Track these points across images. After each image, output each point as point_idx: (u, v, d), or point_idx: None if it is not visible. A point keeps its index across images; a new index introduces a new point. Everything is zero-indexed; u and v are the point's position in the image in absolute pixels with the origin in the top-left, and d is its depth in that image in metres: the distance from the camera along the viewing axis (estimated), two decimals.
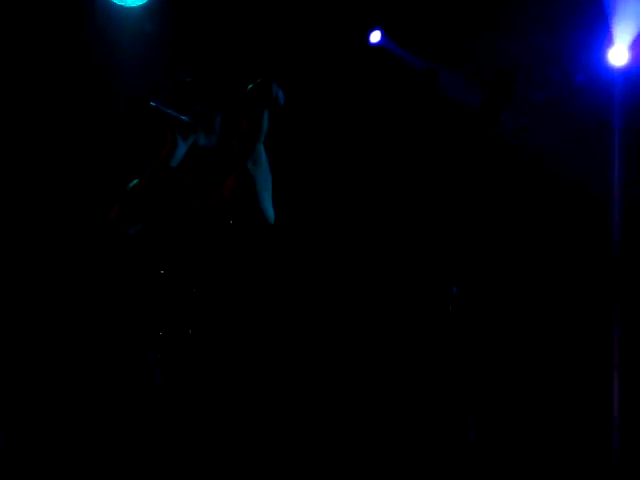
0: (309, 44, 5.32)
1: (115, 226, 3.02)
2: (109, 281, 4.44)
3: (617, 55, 5.04)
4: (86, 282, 4.71)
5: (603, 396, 5.11)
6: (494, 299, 5.32)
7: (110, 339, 4.42)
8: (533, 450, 5.15)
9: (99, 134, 5.04)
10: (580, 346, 5.19)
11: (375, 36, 5.43)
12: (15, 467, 4.34)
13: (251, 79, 3.23)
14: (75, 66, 5.07)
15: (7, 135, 4.96)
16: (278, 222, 3.17)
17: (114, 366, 4.32)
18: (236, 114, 3.16)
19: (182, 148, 3.03)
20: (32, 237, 4.91)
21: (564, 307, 5.22)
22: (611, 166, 5.16)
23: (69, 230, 4.85)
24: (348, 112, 5.41)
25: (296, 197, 5.02)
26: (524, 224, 5.36)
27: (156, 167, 3.03)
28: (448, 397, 5.00)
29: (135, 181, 3.12)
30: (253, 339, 3.05)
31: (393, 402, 5.31)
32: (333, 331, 5.27)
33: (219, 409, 2.97)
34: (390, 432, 5.23)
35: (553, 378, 5.20)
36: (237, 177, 2.99)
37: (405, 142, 5.48)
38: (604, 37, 5.02)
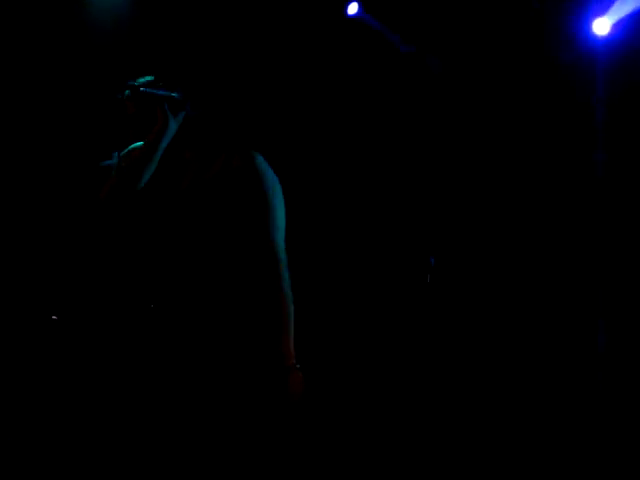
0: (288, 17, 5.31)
1: (106, 202, 3.03)
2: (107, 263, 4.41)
3: (601, 25, 5.06)
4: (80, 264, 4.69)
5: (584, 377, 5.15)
6: (472, 269, 5.37)
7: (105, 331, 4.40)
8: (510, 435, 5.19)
9: (83, 117, 5.04)
10: (559, 325, 5.22)
11: (352, 8, 5.42)
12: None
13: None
14: (60, 52, 5.05)
15: None
16: None
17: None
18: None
19: (173, 125, 3.07)
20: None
21: (544, 280, 5.26)
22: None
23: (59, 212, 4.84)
24: (329, 92, 5.42)
25: None
26: (502, 195, 5.39)
27: (148, 144, 3.06)
28: (429, 372, 5.06)
29: (125, 152, 3.15)
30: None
31: (374, 377, 5.36)
32: (314, 305, 5.30)
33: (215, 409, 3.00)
34: (371, 413, 5.26)
35: (531, 353, 5.24)
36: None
37: (382, 116, 5.51)
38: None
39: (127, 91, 3.07)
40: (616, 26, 5.01)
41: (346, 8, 5.41)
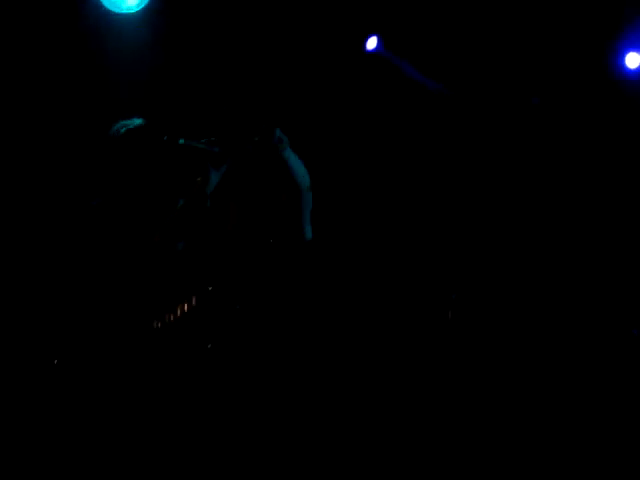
0: (307, 50, 5.31)
1: (160, 244, 3.11)
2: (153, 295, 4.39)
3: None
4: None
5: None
6: (493, 305, 5.37)
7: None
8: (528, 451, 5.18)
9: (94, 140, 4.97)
10: (579, 351, 5.24)
11: (371, 43, 5.42)
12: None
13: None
14: (70, 73, 4.99)
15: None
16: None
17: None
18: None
19: (215, 177, 3.15)
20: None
21: (563, 313, 5.27)
22: None
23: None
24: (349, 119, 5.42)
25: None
26: (521, 229, 5.41)
27: (192, 195, 3.16)
28: (448, 401, 5.04)
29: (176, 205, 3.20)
30: (291, 353, 3.20)
31: (393, 407, 5.32)
32: (336, 335, 5.26)
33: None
34: (388, 435, 5.23)
35: (552, 385, 5.24)
36: (286, 196, 3.16)
37: (403, 147, 5.52)
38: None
39: (180, 140, 3.15)
40: None
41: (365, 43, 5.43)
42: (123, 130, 3.39)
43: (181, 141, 3.13)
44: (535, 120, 5.44)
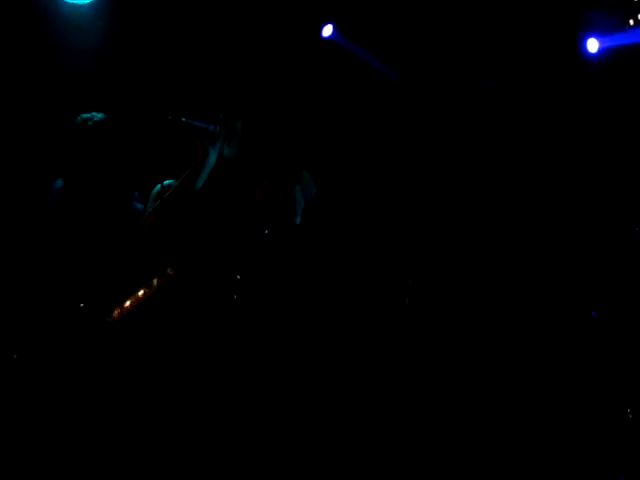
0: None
1: (151, 233, 3.10)
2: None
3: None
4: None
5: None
6: (449, 291, 5.37)
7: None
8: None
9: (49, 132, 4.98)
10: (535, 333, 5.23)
11: (327, 30, 5.42)
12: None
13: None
14: (26, 64, 4.99)
15: None
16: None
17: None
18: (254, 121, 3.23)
19: (212, 155, 3.12)
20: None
21: (517, 298, 5.27)
22: None
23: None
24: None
25: None
26: (475, 213, 5.41)
27: (189, 175, 3.11)
28: (406, 385, 5.05)
29: (168, 190, 3.20)
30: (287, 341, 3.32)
31: (354, 389, 5.33)
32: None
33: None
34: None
35: (507, 369, 5.24)
36: (271, 182, 3.15)
37: (359, 132, 5.51)
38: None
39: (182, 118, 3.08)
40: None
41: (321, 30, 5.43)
42: (95, 120, 3.37)
43: (183, 119, 3.06)
44: (490, 103, 5.43)
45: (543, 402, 5.06)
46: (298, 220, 3.27)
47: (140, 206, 3.48)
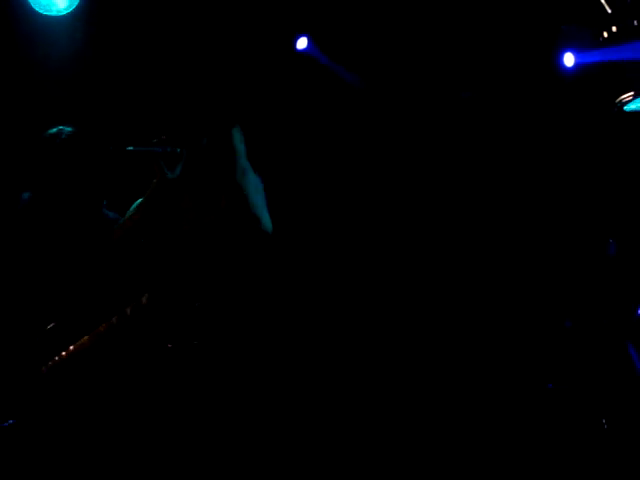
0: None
1: (119, 245, 3.20)
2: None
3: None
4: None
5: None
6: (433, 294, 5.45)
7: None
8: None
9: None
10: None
11: (301, 43, 5.50)
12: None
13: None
14: (4, 77, 5.00)
15: None
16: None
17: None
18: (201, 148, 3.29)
19: (171, 176, 3.24)
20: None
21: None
22: None
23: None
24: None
25: None
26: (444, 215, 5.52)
27: (149, 196, 3.23)
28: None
29: (133, 207, 3.29)
30: (257, 346, 3.32)
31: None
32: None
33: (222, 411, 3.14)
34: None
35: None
36: (228, 194, 3.20)
37: (331, 143, 5.59)
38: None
39: (129, 147, 3.18)
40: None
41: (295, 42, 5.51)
42: (63, 136, 3.40)
43: (129, 148, 3.17)
44: (465, 113, 5.54)
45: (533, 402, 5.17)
46: (269, 227, 3.32)
47: (112, 214, 3.54)
